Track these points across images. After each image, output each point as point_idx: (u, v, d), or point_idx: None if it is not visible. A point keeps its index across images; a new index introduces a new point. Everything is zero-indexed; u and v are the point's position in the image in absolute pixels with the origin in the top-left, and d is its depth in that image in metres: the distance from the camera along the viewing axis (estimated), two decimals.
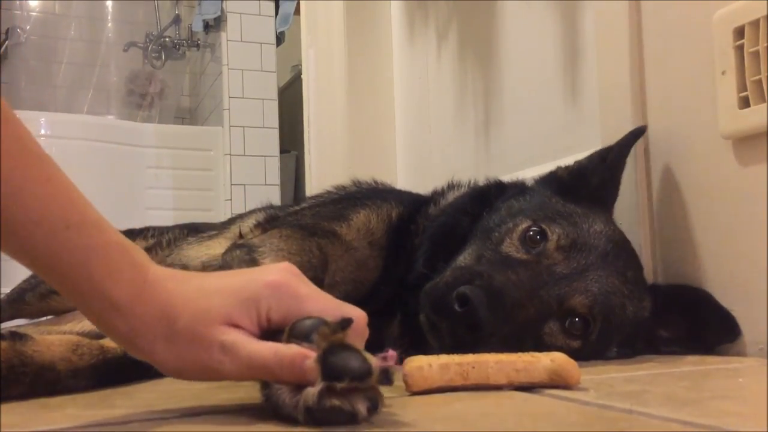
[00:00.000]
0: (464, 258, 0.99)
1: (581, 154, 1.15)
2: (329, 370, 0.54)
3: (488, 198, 1.11)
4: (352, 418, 0.54)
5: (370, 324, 0.65)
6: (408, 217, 1.15)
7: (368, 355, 0.56)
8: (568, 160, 1.15)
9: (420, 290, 0.95)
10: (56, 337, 0.80)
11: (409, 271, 1.06)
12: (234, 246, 1.06)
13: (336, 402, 0.54)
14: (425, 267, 1.03)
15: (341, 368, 0.54)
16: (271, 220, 1.24)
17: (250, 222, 1.29)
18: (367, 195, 1.21)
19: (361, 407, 0.54)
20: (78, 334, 0.94)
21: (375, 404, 0.56)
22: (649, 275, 1.11)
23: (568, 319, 0.93)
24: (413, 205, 1.18)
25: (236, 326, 0.59)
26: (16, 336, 0.75)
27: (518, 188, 1.13)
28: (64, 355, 0.78)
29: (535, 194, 1.09)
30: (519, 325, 0.89)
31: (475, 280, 0.88)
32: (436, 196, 1.20)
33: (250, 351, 0.58)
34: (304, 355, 0.56)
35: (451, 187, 1.23)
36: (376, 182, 1.33)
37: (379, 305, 1.06)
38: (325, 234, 1.07)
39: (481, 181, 1.21)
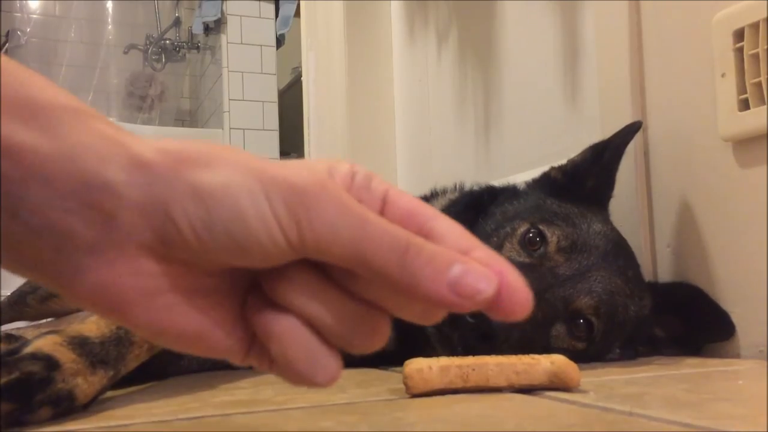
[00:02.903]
0: None
1: None
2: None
3: (481, 204, 1.10)
4: None
5: None
6: None
7: None
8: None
9: None
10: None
11: None
12: None
13: None
14: None
15: None
16: None
17: None
18: None
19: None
20: None
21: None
22: (648, 277, 1.10)
23: (573, 321, 0.93)
24: None
25: None
26: (12, 339, 0.75)
27: (511, 192, 1.11)
28: None
29: (529, 197, 1.08)
30: (529, 330, 0.88)
31: None
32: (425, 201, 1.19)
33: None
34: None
35: (434, 194, 1.21)
36: None
37: None
38: None
39: (467, 185, 1.19)
